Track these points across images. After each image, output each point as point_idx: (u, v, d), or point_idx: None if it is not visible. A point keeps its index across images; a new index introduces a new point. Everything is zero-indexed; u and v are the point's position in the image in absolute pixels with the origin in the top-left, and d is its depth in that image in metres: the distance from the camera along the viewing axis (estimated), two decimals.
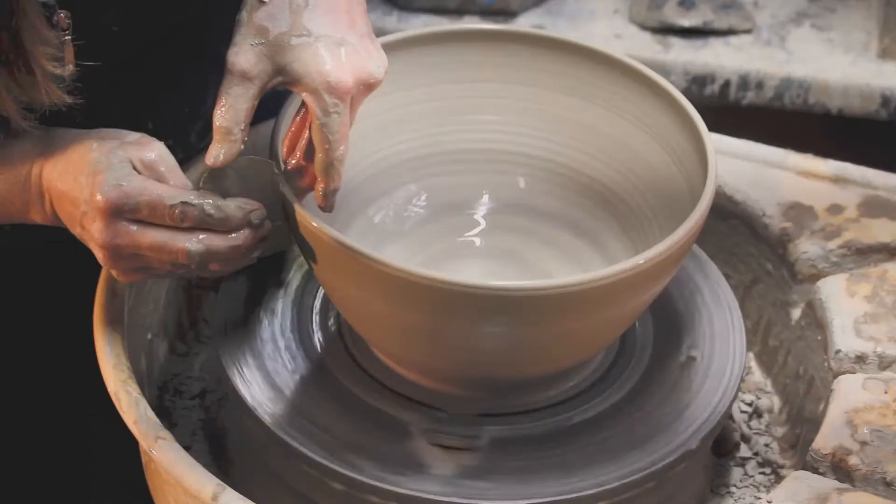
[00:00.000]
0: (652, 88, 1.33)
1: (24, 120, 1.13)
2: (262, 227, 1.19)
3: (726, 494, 1.36)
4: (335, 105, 1.18)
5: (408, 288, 1.15)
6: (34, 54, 1.09)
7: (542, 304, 1.15)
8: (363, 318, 1.24)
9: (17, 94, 1.11)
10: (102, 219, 1.15)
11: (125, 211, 1.15)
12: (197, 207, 1.16)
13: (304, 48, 1.18)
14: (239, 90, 1.17)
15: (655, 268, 1.18)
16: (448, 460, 1.23)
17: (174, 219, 1.15)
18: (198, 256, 1.16)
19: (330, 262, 1.20)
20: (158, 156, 1.18)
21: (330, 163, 1.20)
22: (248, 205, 1.18)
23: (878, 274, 1.39)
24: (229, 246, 1.17)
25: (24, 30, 1.08)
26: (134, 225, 1.16)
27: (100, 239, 1.16)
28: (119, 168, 1.16)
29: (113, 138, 1.19)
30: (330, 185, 1.21)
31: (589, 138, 1.38)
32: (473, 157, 1.42)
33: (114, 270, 1.19)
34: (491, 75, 1.39)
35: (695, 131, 1.28)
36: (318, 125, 1.18)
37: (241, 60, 1.17)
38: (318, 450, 1.22)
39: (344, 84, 1.18)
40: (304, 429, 1.24)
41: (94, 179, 1.15)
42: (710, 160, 1.24)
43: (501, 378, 1.25)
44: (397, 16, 2.17)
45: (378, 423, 1.25)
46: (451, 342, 1.20)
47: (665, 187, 1.33)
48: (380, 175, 1.39)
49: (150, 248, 1.16)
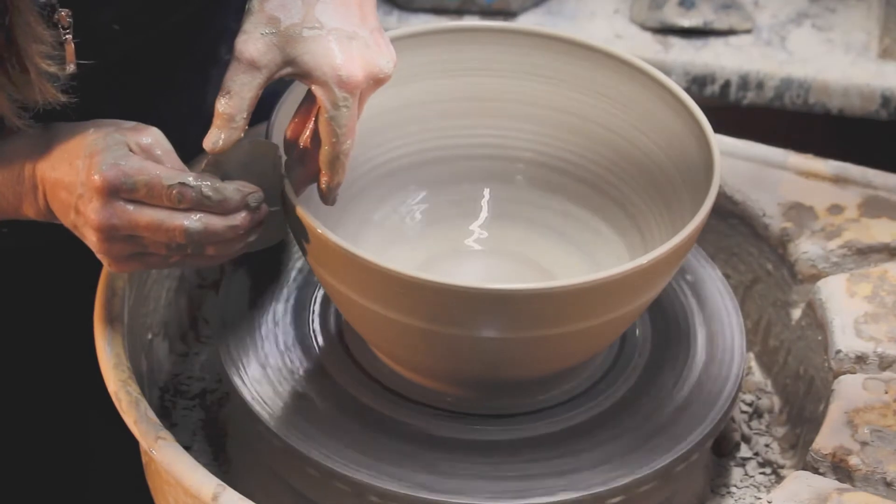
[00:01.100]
0: (657, 87, 1.33)
1: (19, 118, 1.13)
2: (259, 210, 1.18)
3: (726, 494, 1.36)
4: (345, 99, 1.18)
5: (405, 290, 1.15)
6: (28, 52, 1.09)
7: (541, 306, 1.15)
8: (362, 319, 1.24)
9: (12, 92, 1.11)
10: (99, 198, 1.14)
11: (122, 190, 1.14)
12: (195, 189, 1.15)
13: (315, 40, 1.18)
14: (245, 78, 1.17)
15: (655, 269, 1.18)
16: (448, 460, 1.23)
17: (171, 199, 1.15)
18: (195, 235, 1.15)
19: (329, 263, 1.20)
20: (155, 140, 1.18)
21: (336, 156, 1.20)
22: (245, 187, 1.17)
23: (879, 274, 1.39)
24: (227, 226, 1.16)
25: (18, 27, 1.07)
26: (131, 205, 1.15)
27: (95, 220, 1.15)
28: (116, 149, 1.15)
29: (109, 125, 1.18)
30: (334, 179, 1.21)
31: (591, 137, 1.38)
32: (474, 156, 1.42)
33: (107, 258, 1.18)
34: (490, 73, 1.39)
35: (700, 132, 1.28)
36: (326, 118, 1.18)
37: (251, 48, 1.17)
38: (318, 450, 1.22)
39: (354, 78, 1.18)
40: (304, 429, 1.24)
41: (91, 161, 1.14)
42: (715, 161, 1.24)
43: (501, 379, 1.25)
44: (397, 15, 2.17)
45: (378, 423, 1.25)
46: (449, 344, 1.19)
47: (666, 186, 1.32)
48: (380, 174, 1.39)
49: (147, 227, 1.15)
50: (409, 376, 1.28)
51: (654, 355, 1.33)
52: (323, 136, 1.19)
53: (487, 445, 1.24)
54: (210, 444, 1.38)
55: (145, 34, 1.30)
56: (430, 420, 1.26)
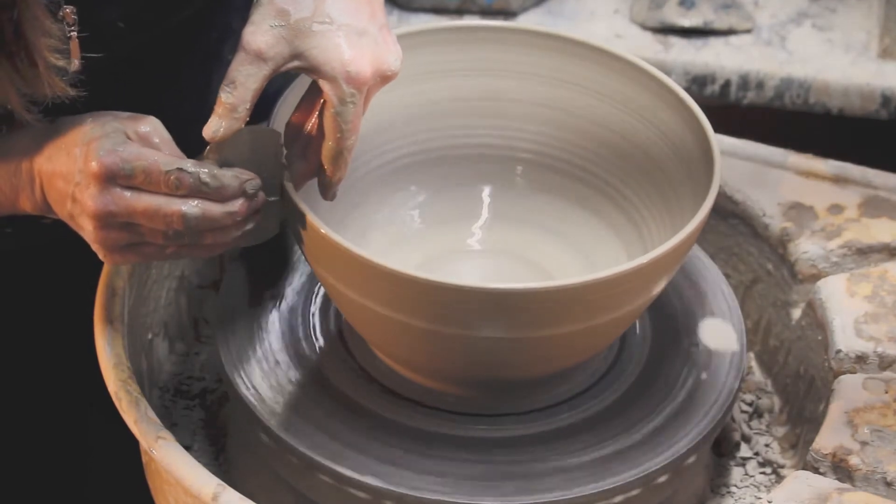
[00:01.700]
0: (657, 86, 1.33)
1: (28, 112, 1.13)
2: (256, 198, 1.18)
3: (726, 494, 1.36)
4: (352, 95, 1.17)
5: (406, 290, 1.15)
6: (37, 45, 1.09)
7: (542, 306, 1.15)
8: (362, 318, 1.24)
9: (21, 86, 1.11)
10: (97, 184, 1.14)
11: (120, 176, 1.14)
12: (192, 175, 1.15)
13: (325, 35, 1.17)
14: (251, 69, 1.16)
15: (656, 268, 1.18)
16: (448, 460, 1.23)
17: (169, 185, 1.14)
18: (193, 221, 1.15)
19: (329, 262, 1.20)
20: (153, 128, 1.18)
21: (339, 152, 1.20)
22: (243, 174, 1.17)
23: (879, 274, 1.39)
24: (225, 212, 1.16)
25: (27, 21, 1.07)
26: (128, 191, 1.14)
27: (92, 206, 1.14)
28: (114, 136, 1.15)
29: (107, 114, 1.18)
30: (336, 175, 1.21)
31: (591, 136, 1.38)
32: (474, 156, 1.42)
33: (102, 248, 1.17)
34: (490, 73, 1.39)
35: (700, 131, 1.28)
36: (332, 113, 1.18)
37: (258, 40, 1.16)
38: (319, 450, 1.22)
39: (363, 74, 1.17)
40: (304, 429, 1.24)
41: (89, 147, 1.14)
42: (715, 161, 1.24)
43: (501, 379, 1.25)
44: (397, 15, 2.17)
45: (378, 423, 1.25)
46: (450, 344, 1.19)
47: (666, 186, 1.32)
48: (381, 173, 1.39)
49: (144, 213, 1.14)
50: (409, 376, 1.28)
51: (653, 355, 1.33)
52: (327, 131, 1.19)
53: (487, 445, 1.24)
54: (210, 444, 1.38)
55: (150, 32, 1.30)
56: (429, 420, 1.26)
